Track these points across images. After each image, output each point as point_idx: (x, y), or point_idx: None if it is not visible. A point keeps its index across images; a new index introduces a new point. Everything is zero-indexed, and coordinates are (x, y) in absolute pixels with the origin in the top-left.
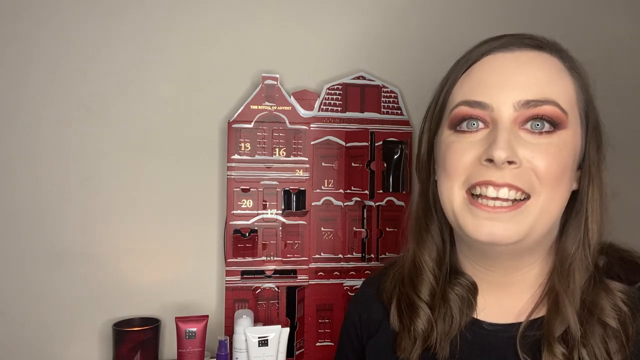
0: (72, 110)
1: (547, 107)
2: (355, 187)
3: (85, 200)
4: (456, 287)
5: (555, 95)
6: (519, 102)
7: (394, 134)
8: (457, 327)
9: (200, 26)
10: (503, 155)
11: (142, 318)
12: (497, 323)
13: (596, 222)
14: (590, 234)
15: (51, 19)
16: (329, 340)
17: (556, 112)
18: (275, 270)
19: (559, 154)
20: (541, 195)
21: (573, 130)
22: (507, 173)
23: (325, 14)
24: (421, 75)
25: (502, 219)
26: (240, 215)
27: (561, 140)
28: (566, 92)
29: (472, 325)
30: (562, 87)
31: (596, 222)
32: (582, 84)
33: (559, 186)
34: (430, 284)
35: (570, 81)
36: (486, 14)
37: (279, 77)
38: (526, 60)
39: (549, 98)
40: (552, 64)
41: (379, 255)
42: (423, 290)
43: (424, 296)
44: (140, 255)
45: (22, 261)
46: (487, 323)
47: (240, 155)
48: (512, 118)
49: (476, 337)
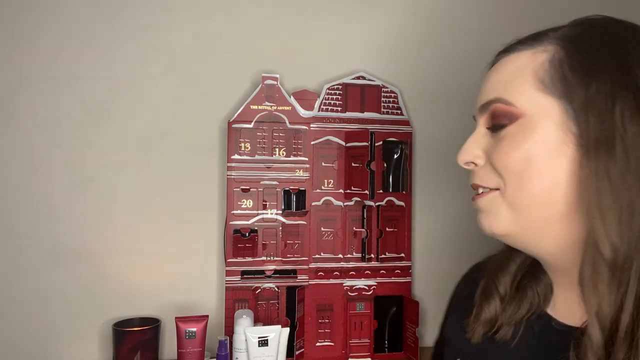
0: (72, 111)
1: (493, 106)
2: (355, 187)
3: (85, 200)
4: (533, 280)
5: (503, 92)
6: (479, 108)
7: (394, 134)
8: (524, 315)
9: (200, 26)
10: (460, 159)
11: (142, 318)
12: (565, 323)
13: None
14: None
15: (51, 19)
16: (329, 340)
17: (501, 108)
18: (275, 270)
19: (514, 145)
20: (507, 189)
21: (541, 114)
22: (475, 174)
23: (325, 14)
24: (421, 75)
25: (483, 211)
26: (240, 215)
27: (517, 130)
28: (522, 82)
29: (541, 318)
30: (516, 80)
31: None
32: (575, 55)
33: (527, 177)
34: (511, 274)
35: (536, 66)
36: (486, 14)
37: (279, 77)
38: (497, 67)
39: (495, 97)
40: (514, 62)
41: (378, 255)
42: (502, 280)
43: (501, 286)
44: (140, 255)
45: (22, 261)
46: (557, 322)
47: (240, 155)
48: (481, 123)
49: (543, 331)
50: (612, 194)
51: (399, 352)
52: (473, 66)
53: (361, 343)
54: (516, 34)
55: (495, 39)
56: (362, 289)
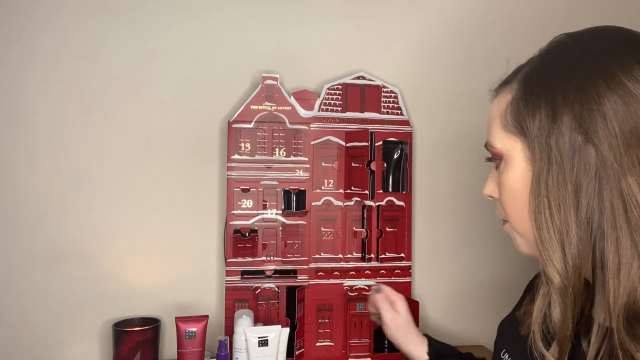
0: (72, 110)
1: (487, 147)
2: (355, 187)
3: (86, 200)
4: None
5: (489, 135)
6: None
7: (394, 134)
8: None
9: (200, 26)
10: (483, 193)
11: (142, 318)
12: None
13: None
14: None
15: (51, 19)
16: (329, 340)
17: (490, 150)
18: (275, 270)
19: (502, 182)
20: (510, 220)
21: (514, 152)
22: (497, 205)
23: (325, 14)
24: (421, 75)
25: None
26: (240, 215)
27: (504, 168)
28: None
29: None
30: (493, 123)
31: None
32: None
33: (517, 209)
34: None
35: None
36: (486, 13)
37: (279, 77)
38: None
39: (486, 140)
40: (496, 104)
41: (378, 255)
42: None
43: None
44: (140, 255)
45: (22, 261)
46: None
47: (240, 155)
48: None
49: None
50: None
51: (399, 352)
52: (473, 66)
53: (361, 343)
54: (516, 34)
55: (495, 38)
56: (362, 289)
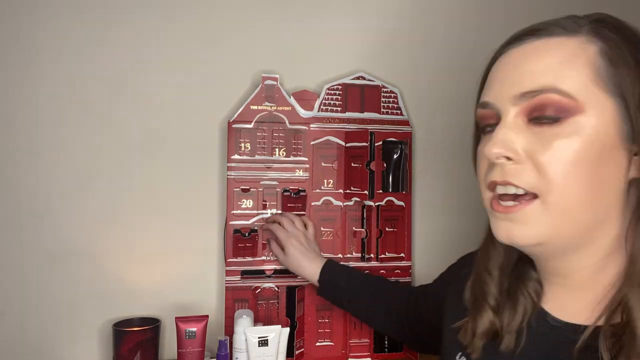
0: (72, 110)
1: (544, 95)
2: (355, 187)
3: (85, 200)
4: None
5: (557, 81)
6: (515, 96)
7: (394, 134)
8: (522, 320)
9: (200, 26)
10: (494, 151)
11: (142, 318)
12: (560, 320)
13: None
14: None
15: (51, 18)
16: (328, 340)
17: (557, 99)
18: (275, 270)
19: (570, 144)
20: (550, 194)
21: (597, 112)
22: (506, 170)
23: (325, 14)
24: (421, 75)
25: (517, 220)
26: (240, 215)
27: (575, 129)
28: (579, 73)
29: (537, 314)
30: (573, 69)
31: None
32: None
33: (579, 180)
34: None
35: (590, 58)
36: (486, 13)
37: (279, 77)
38: (530, 51)
39: (547, 86)
40: (561, 48)
41: (378, 255)
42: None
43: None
44: (140, 255)
45: (22, 261)
46: (551, 317)
47: (240, 155)
48: (514, 113)
49: (540, 328)
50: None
51: (399, 352)
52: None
53: (361, 343)
54: None
55: (495, 38)
56: None
